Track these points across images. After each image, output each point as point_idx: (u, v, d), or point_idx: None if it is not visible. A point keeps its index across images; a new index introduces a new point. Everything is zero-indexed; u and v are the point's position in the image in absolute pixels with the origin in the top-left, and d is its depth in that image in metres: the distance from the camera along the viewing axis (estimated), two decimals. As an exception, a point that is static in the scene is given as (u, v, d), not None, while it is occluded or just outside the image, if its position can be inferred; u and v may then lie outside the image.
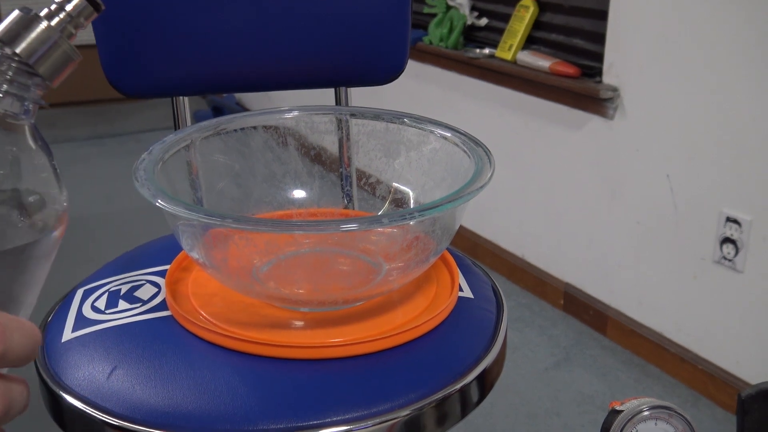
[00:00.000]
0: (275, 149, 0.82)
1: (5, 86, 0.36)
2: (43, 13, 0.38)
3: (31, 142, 0.37)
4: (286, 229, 0.60)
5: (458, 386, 0.62)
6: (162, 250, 0.81)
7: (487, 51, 2.19)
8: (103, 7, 0.39)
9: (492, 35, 2.26)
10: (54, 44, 0.38)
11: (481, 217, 2.33)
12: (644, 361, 1.83)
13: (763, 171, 1.50)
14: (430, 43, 2.34)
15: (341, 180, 0.96)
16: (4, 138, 0.36)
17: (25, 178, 0.36)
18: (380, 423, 0.57)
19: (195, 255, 0.65)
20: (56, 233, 0.37)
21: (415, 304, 0.70)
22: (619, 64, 1.78)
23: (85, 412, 0.59)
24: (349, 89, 1.00)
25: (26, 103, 0.37)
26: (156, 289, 0.72)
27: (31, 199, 0.36)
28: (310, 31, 0.91)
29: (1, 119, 0.36)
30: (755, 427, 0.57)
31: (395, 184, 0.81)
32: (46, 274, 0.38)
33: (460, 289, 0.74)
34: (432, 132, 0.78)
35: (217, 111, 3.62)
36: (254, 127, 0.82)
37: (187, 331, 0.65)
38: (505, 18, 2.16)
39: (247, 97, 3.85)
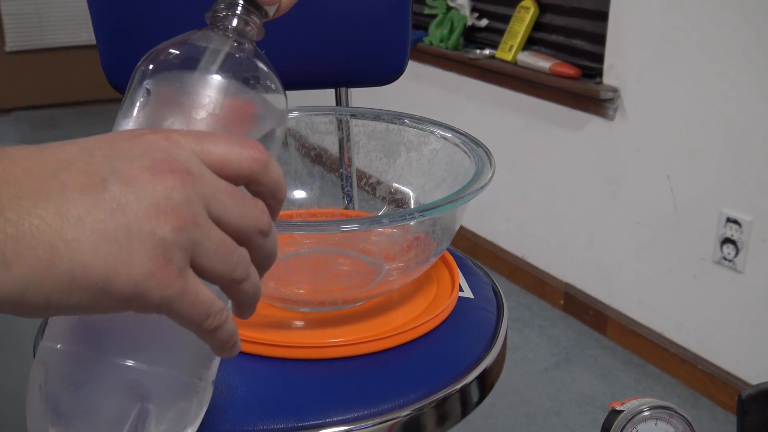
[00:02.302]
0: (275, 149, 0.82)
1: (240, 9, 0.44)
2: None
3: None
4: (286, 229, 0.60)
5: (458, 386, 0.62)
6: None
7: (487, 52, 2.19)
8: None
9: (492, 36, 2.26)
10: None
11: (482, 217, 2.33)
12: (644, 361, 1.83)
13: (763, 171, 1.50)
14: (431, 43, 2.34)
15: (341, 180, 0.96)
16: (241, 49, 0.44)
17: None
18: (380, 423, 0.57)
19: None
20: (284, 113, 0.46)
21: (415, 305, 0.70)
22: (619, 65, 1.78)
23: (85, 412, 0.59)
24: (349, 90, 1.00)
25: (252, 26, 0.45)
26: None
27: (272, 85, 0.45)
28: (310, 31, 0.91)
29: (241, 34, 0.44)
30: (755, 427, 0.57)
31: (395, 185, 0.81)
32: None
33: (461, 290, 0.74)
34: (432, 132, 0.78)
35: (218, 111, 3.62)
36: (254, 128, 0.82)
37: (188, 331, 0.65)
38: (506, 19, 2.16)
39: (248, 98, 3.85)
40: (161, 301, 0.31)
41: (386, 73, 0.96)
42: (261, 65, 0.45)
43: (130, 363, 0.37)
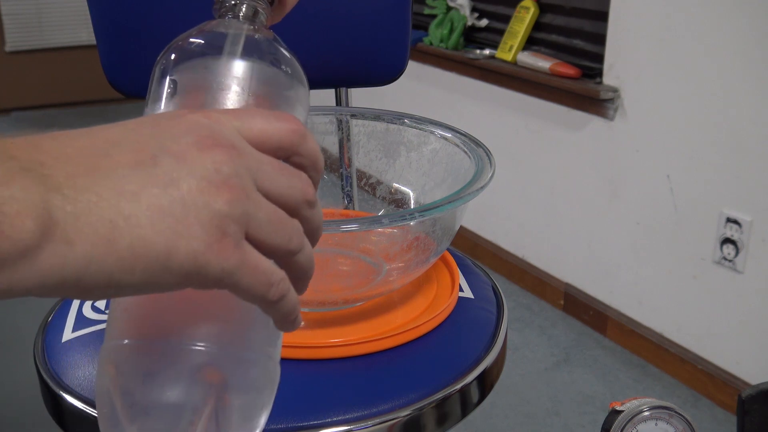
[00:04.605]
0: (275, 149, 0.82)
1: None
2: None
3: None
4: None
5: (458, 386, 0.62)
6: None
7: (487, 52, 2.19)
8: None
9: (492, 36, 2.26)
10: None
11: (481, 217, 2.33)
12: (644, 361, 1.83)
13: (763, 171, 1.50)
14: (431, 43, 2.34)
15: (341, 180, 0.96)
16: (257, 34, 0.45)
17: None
18: (380, 423, 0.57)
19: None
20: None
21: (415, 305, 0.70)
22: (619, 65, 1.78)
23: (85, 412, 0.59)
24: (349, 90, 1.00)
25: (260, 11, 0.46)
26: (156, 289, 0.72)
27: (293, 62, 0.45)
28: (310, 31, 0.91)
29: (251, 20, 0.45)
30: (755, 428, 0.57)
31: (395, 185, 0.81)
32: None
33: (461, 290, 0.74)
34: (432, 133, 0.78)
35: (218, 111, 3.62)
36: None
37: (188, 331, 0.65)
38: (506, 19, 2.16)
39: (248, 98, 3.85)
40: (222, 274, 0.31)
41: (386, 73, 0.96)
42: (278, 45, 0.45)
43: (200, 346, 0.36)
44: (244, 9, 0.45)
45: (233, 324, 0.38)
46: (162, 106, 0.42)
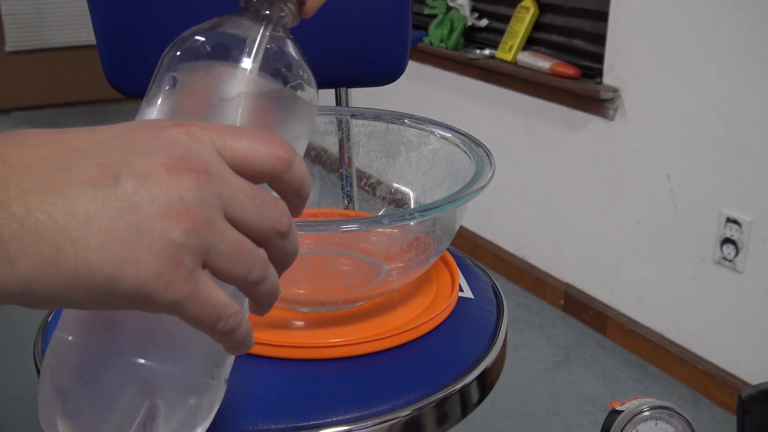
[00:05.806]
0: (275, 149, 0.82)
1: None
2: None
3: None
4: (287, 230, 0.59)
5: (458, 386, 0.62)
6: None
7: (487, 52, 2.19)
8: None
9: (492, 36, 2.26)
10: None
11: (481, 217, 2.33)
12: (644, 361, 1.83)
13: (763, 171, 1.50)
14: (431, 43, 2.34)
15: (341, 180, 0.96)
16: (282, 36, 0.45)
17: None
18: (380, 423, 0.57)
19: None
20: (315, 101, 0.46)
21: (415, 305, 0.70)
22: (619, 65, 1.78)
23: (85, 412, 0.59)
24: (349, 90, 1.00)
25: (286, 13, 0.45)
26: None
27: (304, 77, 0.44)
28: (310, 31, 0.91)
29: (276, 22, 0.44)
30: (755, 428, 0.57)
31: (395, 185, 0.81)
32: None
33: (461, 290, 0.74)
34: (432, 132, 0.78)
35: (218, 111, 3.62)
36: (255, 128, 0.82)
37: (188, 331, 0.65)
38: (506, 19, 2.16)
39: (248, 98, 3.84)
40: (169, 303, 0.31)
41: (386, 73, 0.96)
42: (293, 56, 0.43)
43: (141, 361, 0.36)
44: (268, 9, 0.43)
45: (178, 343, 0.38)
46: (158, 103, 0.41)
